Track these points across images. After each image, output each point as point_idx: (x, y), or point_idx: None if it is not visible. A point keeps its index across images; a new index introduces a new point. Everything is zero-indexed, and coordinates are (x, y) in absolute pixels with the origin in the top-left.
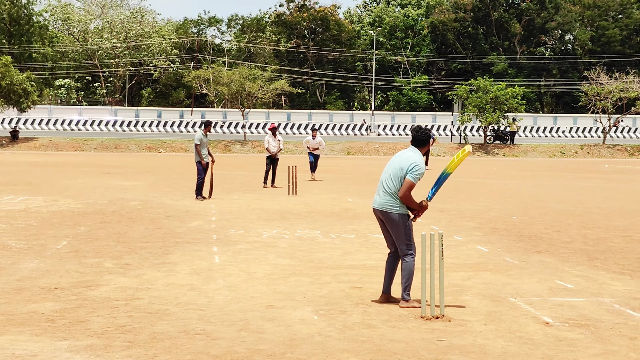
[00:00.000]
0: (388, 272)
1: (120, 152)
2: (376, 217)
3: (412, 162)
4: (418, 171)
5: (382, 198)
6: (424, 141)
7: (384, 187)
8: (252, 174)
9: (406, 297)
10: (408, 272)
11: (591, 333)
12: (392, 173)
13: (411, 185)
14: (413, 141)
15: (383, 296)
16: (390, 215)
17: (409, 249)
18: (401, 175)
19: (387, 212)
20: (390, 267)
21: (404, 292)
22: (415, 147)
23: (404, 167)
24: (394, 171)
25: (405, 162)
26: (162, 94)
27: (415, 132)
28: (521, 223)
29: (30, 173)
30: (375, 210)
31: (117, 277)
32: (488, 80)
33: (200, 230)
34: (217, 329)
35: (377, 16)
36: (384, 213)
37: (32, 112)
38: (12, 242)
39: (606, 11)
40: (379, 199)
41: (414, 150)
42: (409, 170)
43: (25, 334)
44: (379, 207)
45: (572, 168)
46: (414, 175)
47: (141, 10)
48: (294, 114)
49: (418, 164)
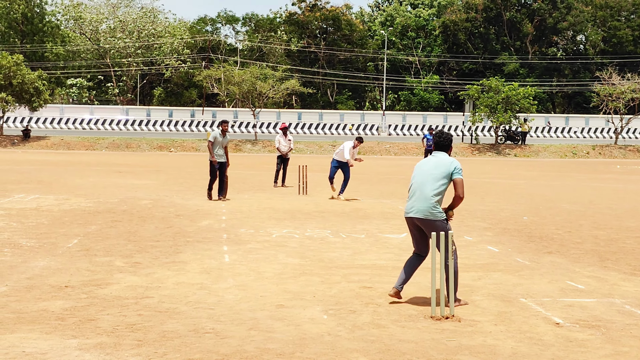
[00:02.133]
0: (407, 269)
1: (131, 151)
2: (411, 225)
3: (454, 164)
4: (460, 168)
5: (423, 205)
6: (446, 146)
7: (425, 194)
8: (262, 174)
9: (458, 298)
10: (455, 273)
11: (602, 334)
12: (434, 179)
13: (462, 182)
14: (437, 147)
15: (394, 290)
16: (435, 223)
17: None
18: (445, 181)
19: (431, 220)
20: (411, 264)
21: (455, 292)
22: (442, 151)
23: (448, 171)
24: (434, 177)
25: (445, 166)
26: (174, 94)
27: (438, 138)
28: (532, 223)
29: (42, 172)
30: (414, 218)
31: (127, 276)
32: (499, 80)
33: (210, 229)
34: (227, 328)
35: (388, 15)
36: (427, 221)
37: (43, 111)
38: (23, 241)
39: (618, 11)
40: (419, 206)
41: (442, 154)
42: (455, 172)
43: (36, 332)
44: (420, 216)
45: (584, 169)
46: (462, 174)
47: (153, 9)
48: (305, 114)
49: (456, 162)
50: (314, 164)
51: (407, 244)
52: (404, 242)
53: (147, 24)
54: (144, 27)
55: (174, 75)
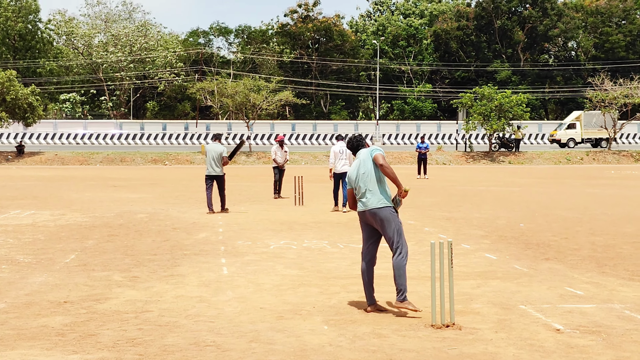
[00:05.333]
0: (368, 283)
1: (125, 165)
2: (364, 222)
3: (369, 150)
4: (379, 151)
5: (370, 199)
6: (360, 145)
7: (368, 189)
8: (258, 185)
9: (402, 297)
10: (403, 269)
11: (603, 339)
12: (365, 173)
13: (382, 155)
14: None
15: (372, 307)
16: (383, 212)
17: (402, 245)
18: (371, 167)
19: (379, 209)
20: (370, 277)
21: (402, 291)
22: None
23: (368, 158)
24: (364, 171)
25: (364, 156)
26: (167, 107)
27: (349, 143)
28: (529, 230)
29: (37, 187)
30: (366, 212)
31: (126, 290)
32: (492, 88)
33: (207, 241)
34: (228, 341)
35: (380, 25)
36: (376, 212)
37: (37, 126)
38: (20, 257)
39: (609, 17)
40: (367, 201)
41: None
42: (372, 153)
43: (36, 348)
44: (370, 207)
45: (579, 175)
46: (378, 150)
47: (146, 23)
48: (298, 125)
49: (374, 148)
50: (309, 175)
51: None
52: None
53: (140, 38)
54: (136, 41)
55: (168, 88)
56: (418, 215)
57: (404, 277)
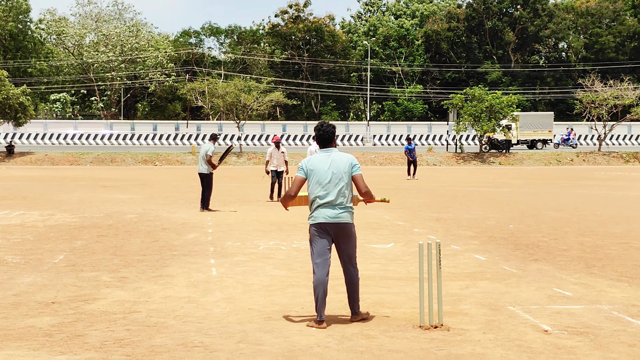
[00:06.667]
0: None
1: (116, 165)
2: (322, 232)
3: (350, 160)
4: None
5: (339, 210)
6: (329, 139)
7: (339, 199)
8: (247, 186)
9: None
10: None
11: (590, 340)
12: (340, 180)
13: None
14: (320, 141)
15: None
16: (349, 228)
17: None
18: (348, 179)
19: (346, 224)
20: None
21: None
22: (327, 147)
23: (348, 169)
24: (340, 178)
25: (344, 164)
26: (158, 107)
27: (318, 132)
28: (518, 231)
29: (26, 187)
30: (328, 224)
31: (114, 291)
32: (483, 89)
33: (197, 242)
34: (216, 342)
35: (371, 25)
36: (342, 226)
37: (27, 126)
38: (8, 257)
39: (599, 18)
40: (334, 212)
41: (330, 149)
42: (354, 168)
43: (23, 349)
44: (337, 221)
45: (568, 176)
46: (359, 169)
47: (137, 24)
48: (289, 126)
49: (354, 159)
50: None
51: (393, 254)
52: (391, 252)
53: (131, 38)
54: (127, 41)
55: (158, 88)
56: (407, 216)
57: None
